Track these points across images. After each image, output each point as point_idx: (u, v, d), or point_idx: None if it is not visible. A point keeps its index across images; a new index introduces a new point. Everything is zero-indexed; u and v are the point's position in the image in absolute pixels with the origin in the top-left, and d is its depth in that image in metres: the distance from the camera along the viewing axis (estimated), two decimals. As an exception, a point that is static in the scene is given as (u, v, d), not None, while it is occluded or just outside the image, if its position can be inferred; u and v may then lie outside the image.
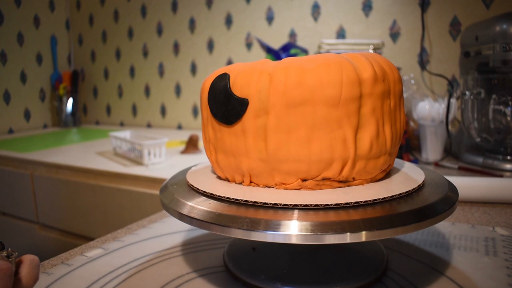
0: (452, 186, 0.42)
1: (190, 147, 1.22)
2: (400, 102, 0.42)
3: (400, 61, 1.28)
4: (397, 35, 1.28)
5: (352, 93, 0.36)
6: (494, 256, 0.48)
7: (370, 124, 0.38)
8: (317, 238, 0.33)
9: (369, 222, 0.34)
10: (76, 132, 1.80)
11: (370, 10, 1.31)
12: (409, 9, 1.25)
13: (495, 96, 0.93)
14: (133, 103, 1.90)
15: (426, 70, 1.24)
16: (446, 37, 1.21)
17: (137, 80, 1.87)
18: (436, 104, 1.01)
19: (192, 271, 0.47)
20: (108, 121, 2.01)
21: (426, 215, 0.36)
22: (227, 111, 0.39)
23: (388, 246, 0.51)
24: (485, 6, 1.14)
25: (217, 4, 1.61)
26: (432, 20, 1.23)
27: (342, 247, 0.49)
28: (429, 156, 1.02)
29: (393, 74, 0.40)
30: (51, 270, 0.47)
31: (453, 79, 1.21)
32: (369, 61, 0.38)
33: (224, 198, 0.39)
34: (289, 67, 0.37)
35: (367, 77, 0.37)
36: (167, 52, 1.77)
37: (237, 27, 1.58)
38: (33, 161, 1.22)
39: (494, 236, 0.54)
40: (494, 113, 0.93)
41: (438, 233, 0.56)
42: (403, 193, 0.38)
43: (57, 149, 1.37)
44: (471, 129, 0.97)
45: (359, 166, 0.38)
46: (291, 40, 1.47)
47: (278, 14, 1.49)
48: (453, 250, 0.50)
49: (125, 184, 1.02)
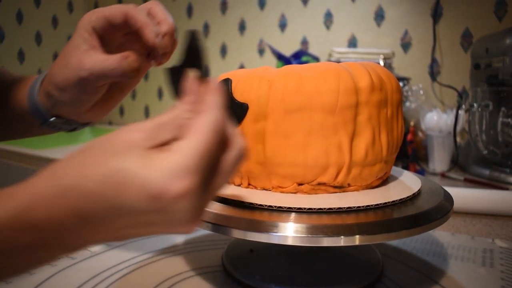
0: (447, 195, 0.43)
1: (198, 149, 1.23)
2: (398, 111, 0.42)
3: (410, 71, 1.28)
4: (408, 45, 1.29)
5: (348, 101, 0.37)
6: (490, 267, 0.49)
7: (366, 131, 0.39)
8: (312, 241, 0.34)
9: (363, 227, 0.35)
10: (89, 131, 1.84)
11: (382, 20, 1.32)
12: (421, 19, 1.26)
13: (504, 109, 0.93)
14: (146, 104, 1.93)
15: (436, 81, 1.24)
16: (457, 48, 1.21)
17: (151, 82, 1.90)
18: (444, 115, 1.01)
19: (191, 269, 0.48)
20: (121, 121, 2.04)
21: (419, 222, 0.37)
22: (228, 114, 0.41)
23: (385, 254, 0.52)
24: (497, 19, 1.14)
25: (231, 9, 1.63)
26: (444, 31, 1.23)
27: (338, 252, 0.50)
28: (436, 167, 1.02)
29: (391, 83, 0.41)
30: (55, 262, 0.49)
31: (463, 90, 1.21)
32: (366, 70, 0.39)
33: (223, 199, 0.40)
34: (288, 74, 0.38)
35: (364, 86, 0.38)
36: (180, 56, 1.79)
37: (250, 33, 1.60)
38: (45, 158, 1.24)
39: (492, 248, 0.55)
40: (503, 126, 0.93)
41: (437, 242, 0.56)
42: (397, 200, 0.39)
43: (70, 148, 1.40)
44: (478, 141, 0.97)
45: (354, 173, 0.39)
46: (302, 47, 1.48)
47: (291, 21, 1.50)
48: (450, 260, 0.51)
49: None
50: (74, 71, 0.39)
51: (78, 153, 0.26)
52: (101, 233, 0.26)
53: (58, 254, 0.27)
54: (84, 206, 0.24)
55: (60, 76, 0.39)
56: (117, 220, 0.25)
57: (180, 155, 0.24)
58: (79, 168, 0.25)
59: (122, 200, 0.24)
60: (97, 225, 0.25)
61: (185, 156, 0.24)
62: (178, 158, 0.24)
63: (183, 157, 0.24)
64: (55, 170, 0.25)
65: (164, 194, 0.24)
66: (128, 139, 0.25)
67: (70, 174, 0.25)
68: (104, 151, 0.25)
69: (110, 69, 0.38)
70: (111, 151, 0.25)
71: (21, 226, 0.24)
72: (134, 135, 0.26)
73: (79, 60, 0.39)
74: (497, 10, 1.14)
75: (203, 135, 0.25)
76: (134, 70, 0.39)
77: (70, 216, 0.24)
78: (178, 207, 0.24)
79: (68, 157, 0.26)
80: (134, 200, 0.24)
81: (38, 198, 0.24)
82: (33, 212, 0.24)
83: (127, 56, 0.38)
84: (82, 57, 0.39)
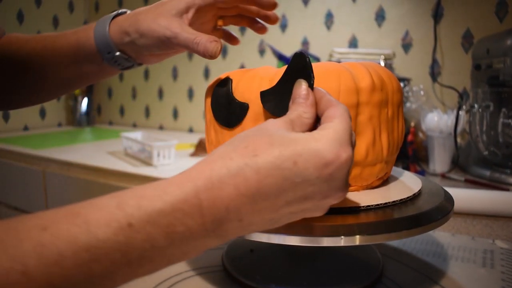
0: (448, 196, 0.43)
1: (199, 150, 1.24)
2: (398, 111, 0.42)
3: (411, 72, 1.28)
4: (409, 46, 1.29)
5: (349, 101, 0.37)
6: (491, 268, 0.49)
7: (367, 131, 0.39)
8: (312, 241, 0.34)
9: (363, 227, 0.35)
10: (90, 131, 1.84)
11: (383, 20, 1.32)
12: (422, 20, 1.26)
13: (504, 109, 0.92)
14: (146, 105, 1.93)
15: (437, 81, 1.24)
16: (458, 49, 1.21)
17: (151, 82, 1.90)
18: (444, 116, 1.01)
19: (191, 269, 0.48)
20: (121, 122, 2.04)
21: (419, 222, 0.37)
22: (229, 114, 0.41)
23: (386, 254, 0.52)
24: (498, 20, 1.14)
25: (232, 10, 1.63)
26: (445, 32, 1.23)
27: (338, 252, 0.50)
28: (436, 168, 1.02)
29: (392, 84, 0.41)
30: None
31: (464, 91, 1.21)
32: (367, 71, 0.39)
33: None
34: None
35: (364, 86, 0.38)
36: (181, 56, 1.79)
37: (250, 34, 1.60)
38: (45, 158, 1.24)
39: (493, 249, 0.54)
40: (503, 127, 0.93)
41: (437, 243, 0.56)
42: (397, 200, 0.39)
43: (69, 147, 1.40)
44: (478, 142, 0.97)
45: (354, 172, 0.39)
46: (303, 47, 1.48)
47: (292, 22, 1.50)
48: (450, 261, 0.51)
49: (134, 183, 1.04)
50: (161, 28, 0.43)
51: (232, 142, 0.29)
52: (262, 213, 0.28)
53: (209, 245, 0.28)
54: (254, 183, 0.27)
55: (146, 25, 0.44)
56: (284, 195, 0.27)
57: (335, 132, 0.29)
58: (243, 151, 0.28)
59: (298, 170, 0.27)
60: (262, 202, 0.27)
61: (340, 132, 0.29)
62: (336, 133, 0.29)
63: (339, 133, 0.29)
64: (222, 155, 0.28)
65: (335, 161, 0.28)
66: (279, 125, 0.30)
67: (235, 157, 0.27)
68: (262, 135, 0.29)
69: (194, 43, 0.42)
70: (270, 134, 0.29)
71: (190, 209, 0.26)
72: (282, 124, 0.30)
73: (169, 21, 0.43)
74: (498, 11, 1.14)
75: (344, 118, 0.30)
76: (214, 54, 0.42)
77: (237, 196, 0.26)
78: (341, 173, 0.28)
79: (223, 147, 0.29)
80: (309, 168, 0.27)
81: (214, 179, 0.26)
82: (208, 193, 0.26)
83: (215, 41, 0.42)
84: (172, 20, 0.44)
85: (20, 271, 0.21)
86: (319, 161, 0.27)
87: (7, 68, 0.51)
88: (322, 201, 0.29)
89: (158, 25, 0.43)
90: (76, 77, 0.52)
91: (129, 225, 0.24)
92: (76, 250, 0.23)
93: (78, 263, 0.23)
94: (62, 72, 0.51)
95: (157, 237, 0.25)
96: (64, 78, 0.52)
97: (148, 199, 0.25)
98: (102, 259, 0.23)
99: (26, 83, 0.53)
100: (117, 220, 0.24)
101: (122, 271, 0.25)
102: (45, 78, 0.52)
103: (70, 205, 0.25)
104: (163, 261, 0.27)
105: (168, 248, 0.26)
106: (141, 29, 0.44)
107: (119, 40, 0.46)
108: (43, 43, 0.50)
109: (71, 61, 0.50)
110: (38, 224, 0.23)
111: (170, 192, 0.26)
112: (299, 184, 0.27)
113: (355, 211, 0.37)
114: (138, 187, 0.27)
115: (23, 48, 0.51)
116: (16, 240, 0.22)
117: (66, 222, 0.24)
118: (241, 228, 0.28)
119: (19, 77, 0.52)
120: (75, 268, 0.23)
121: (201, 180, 0.26)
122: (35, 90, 0.54)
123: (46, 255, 0.22)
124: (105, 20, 0.48)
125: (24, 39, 0.52)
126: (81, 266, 0.23)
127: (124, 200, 0.25)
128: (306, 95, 0.33)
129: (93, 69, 0.51)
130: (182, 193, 0.26)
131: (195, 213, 0.26)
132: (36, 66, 0.51)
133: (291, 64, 0.36)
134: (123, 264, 0.24)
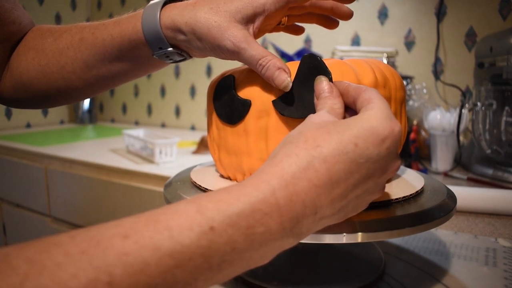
0: (451, 193, 0.43)
1: (201, 147, 1.24)
2: (401, 108, 0.42)
3: (414, 70, 1.27)
4: (412, 44, 1.28)
5: (352, 97, 0.37)
6: (493, 266, 0.48)
7: (369, 128, 0.38)
8: (314, 238, 0.34)
9: (365, 224, 0.35)
10: (92, 129, 1.84)
11: (385, 18, 1.32)
12: (425, 18, 1.25)
13: (507, 108, 0.92)
14: (148, 102, 1.93)
15: (440, 80, 1.23)
16: (461, 47, 1.21)
17: (153, 80, 1.90)
18: (447, 114, 1.01)
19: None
20: (124, 119, 2.04)
21: (422, 220, 0.36)
22: (231, 111, 0.41)
23: (388, 252, 0.52)
24: (501, 18, 1.14)
25: (234, 7, 1.63)
26: (448, 30, 1.22)
27: (340, 249, 0.50)
28: (438, 166, 1.01)
29: (395, 80, 0.41)
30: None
31: (467, 89, 1.20)
32: (370, 67, 0.39)
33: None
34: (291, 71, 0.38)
35: (367, 83, 0.38)
36: (183, 54, 1.79)
37: (253, 31, 1.59)
38: (48, 155, 1.25)
39: (495, 247, 0.54)
40: (506, 125, 0.93)
41: (440, 241, 0.56)
42: (400, 198, 0.39)
43: (72, 145, 1.40)
44: (481, 140, 0.97)
45: (357, 170, 0.39)
46: (306, 45, 1.48)
47: (294, 20, 1.50)
48: (453, 259, 0.50)
49: (136, 181, 1.04)
50: (223, 38, 0.38)
51: (287, 142, 0.30)
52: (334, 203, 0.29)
53: (285, 246, 0.28)
54: (325, 172, 0.28)
55: (206, 29, 0.38)
56: (352, 178, 0.29)
57: (381, 110, 0.30)
58: (304, 145, 0.29)
59: (360, 151, 0.28)
60: (334, 190, 0.28)
61: (384, 109, 0.31)
62: (382, 110, 0.30)
63: (384, 110, 0.30)
64: (286, 154, 0.29)
65: (390, 135, 0.29)
66: (324, 117, 0.32)
67: (300, 153, 0.28)
68: (316, 127, 0.30)
69: (259, 65, 0.37)
70: (322, 125, 0.30)
71: (268, 208, 0.26)
72: (325, 115, 0.32)
73: (233, 31, 0.38)
74: (502, 9, 1.13)
75: (381, 97, 0.32)
76: (284, 89, 0.37)
77: (311, 188, 0.27)
78: (396, 146, 0.30)
79: (281, 149, 0.30)
80: (369, 147, 0.29)
81: (287, 177, 0.27)
82: (284, 190, 0.27)
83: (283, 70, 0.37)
84: (236, 29, 0.38)
85: (106, 282, 0.21)
86: (377, 138, 0.29)
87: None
88: (382, 177, 0.31)
89: (219, 33, 0.38)
90: (119, 72, 0.46)
91: (211, 229, 0.24)
92: (160, 257, 0.23)
93: (162, 270, 0.23)
94: (103, 68, 0.45)
95: (237, 240, 0.25)
96: (105, 74, 0.46)
97: (226, 202, 0.25)
98: (185, 265, 0.23)
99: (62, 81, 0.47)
100: (199, 224, 0.24)
101: (204, 276, 0.24)
102: (83, 76, 0.46)
103: (146, 212, 0.25)
104: (241, 265, 0.26)
105: (247, 251, 0.26)
106: (199, 32, 0.38)
107: (172, 37, 0.40)
108: (80, 35, 0.45)
109: (114, 56, 0.44)
110: (119, 233, 0.23)
111: (247, 194, 0.26)
112: (363, 164, 0.29)
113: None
114: (210, 193, 0.27)
115: (58, 41, 0.46)
116: (99, 250, 0.22)
117: (148, 229, 0.23)
118: (314, 223, 0.28)
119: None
120: (159, 276, 0.22)
121: (275, 180, 0.27)
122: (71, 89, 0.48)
123: (131, 263, 0.22)
124: (154, 9, 0.40)
125: (58, 31, 0.47)
126: (165, 273, 0.23)
127: (203, 204, 0.25)
128: (330, 88, 0.35)
129: (139, 63, 0.45)
130: (259, 193, 0.26)
131: (274, 212, 0.26)
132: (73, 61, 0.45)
133: (302, 66, 0.37)
134: (204, 269, 0.24)
